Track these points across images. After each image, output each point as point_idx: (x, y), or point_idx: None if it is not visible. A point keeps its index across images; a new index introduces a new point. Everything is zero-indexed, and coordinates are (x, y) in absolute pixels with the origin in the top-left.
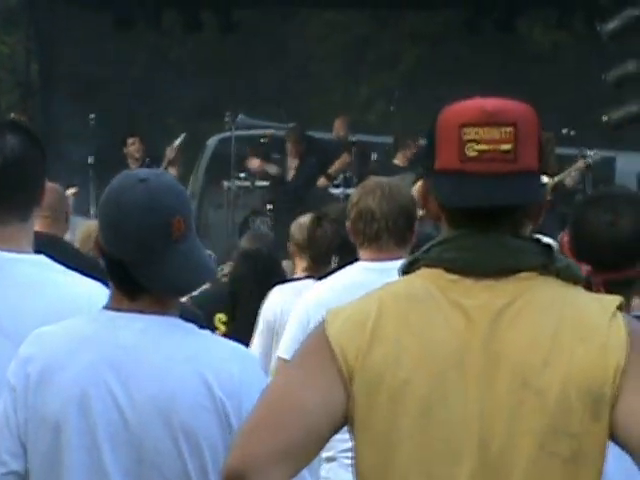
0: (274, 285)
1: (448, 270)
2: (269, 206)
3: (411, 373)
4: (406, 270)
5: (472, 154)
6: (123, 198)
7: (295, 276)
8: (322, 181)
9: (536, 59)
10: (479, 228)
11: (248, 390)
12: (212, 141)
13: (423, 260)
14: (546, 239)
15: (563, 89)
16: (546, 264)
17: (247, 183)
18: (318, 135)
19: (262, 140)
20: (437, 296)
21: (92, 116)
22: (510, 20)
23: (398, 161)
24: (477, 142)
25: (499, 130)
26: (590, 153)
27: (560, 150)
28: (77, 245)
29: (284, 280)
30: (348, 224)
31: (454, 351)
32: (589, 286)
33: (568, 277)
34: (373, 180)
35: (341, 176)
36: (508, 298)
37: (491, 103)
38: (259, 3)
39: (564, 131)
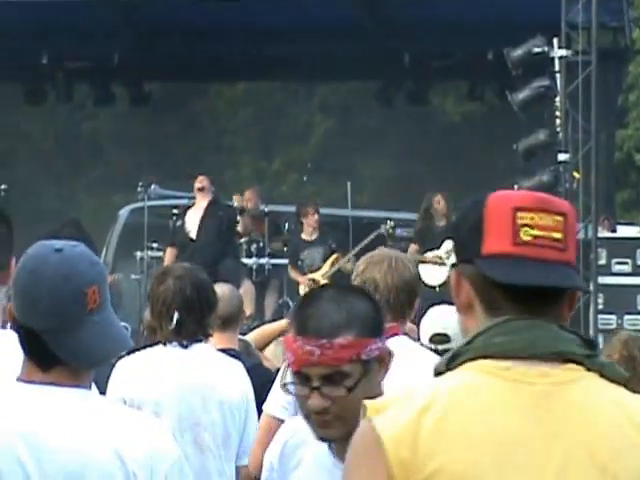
0: None
1: (496, 358)
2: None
3: (482, 463)
4: (448, 367)
5: (526, 238)
6: (37, 266)
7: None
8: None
9: (448, 130)
10: (524, 314)
11: (159, 462)
12: (124, 211)
13: (467, 353)
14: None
15: (474, 159)
16: (590, 356)
17: (159, 253)
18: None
19: (175, 211)
20: (492, 383)
21: (3, 187)
22: (421, 92)
23: (306, 236)
24: (531, 227)
25: (552, 218)
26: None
27: None
28: None
29: None
30: None
31: (524, 437)
32: None
33: (611, 375)
34: (381, 251)
35: (254, 246)
36: (566, 384)
37: (540, 193)
38: (170, 76)
39: None
